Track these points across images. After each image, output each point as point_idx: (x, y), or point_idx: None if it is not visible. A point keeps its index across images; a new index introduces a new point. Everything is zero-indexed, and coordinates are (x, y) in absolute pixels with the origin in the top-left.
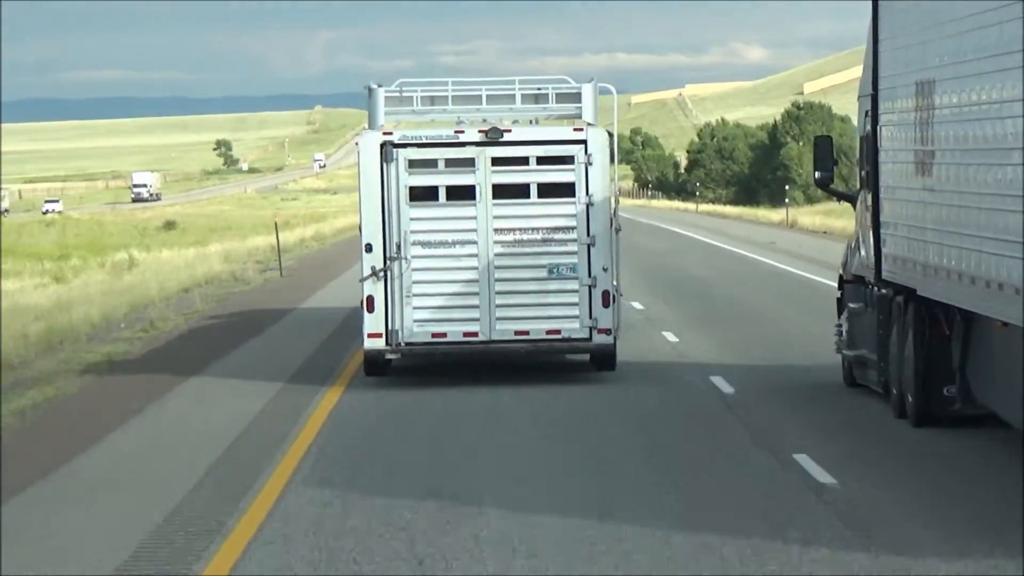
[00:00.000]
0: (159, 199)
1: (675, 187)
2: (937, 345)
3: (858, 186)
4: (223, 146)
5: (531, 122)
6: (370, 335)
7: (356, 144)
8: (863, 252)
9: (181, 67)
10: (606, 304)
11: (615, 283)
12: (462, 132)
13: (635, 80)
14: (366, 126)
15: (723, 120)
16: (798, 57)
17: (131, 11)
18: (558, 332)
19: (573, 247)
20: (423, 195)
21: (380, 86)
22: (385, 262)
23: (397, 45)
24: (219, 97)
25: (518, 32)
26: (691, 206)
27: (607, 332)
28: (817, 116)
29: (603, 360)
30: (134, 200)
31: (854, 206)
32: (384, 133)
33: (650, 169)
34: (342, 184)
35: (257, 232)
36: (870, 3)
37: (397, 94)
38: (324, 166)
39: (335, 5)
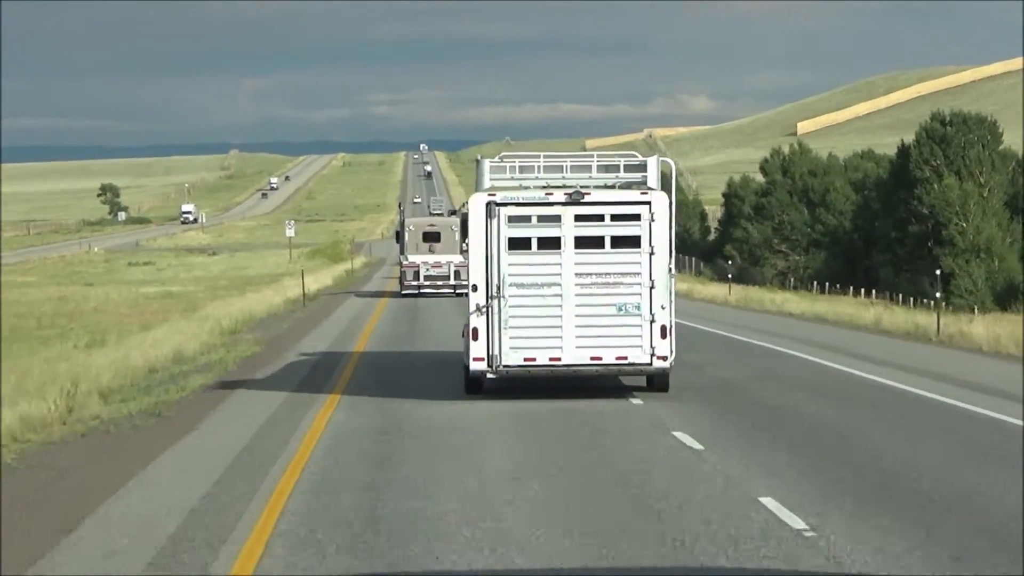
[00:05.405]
0: None
1: (702, 249)
2: None
3: None
4: (108, 191)
5: (607, 186)
6: (475, 359)
7: (465, 205)
8: None
9: (105, 116)
10: (663, 336)
11: (671, 319)
12: (551, 194)
13: (583, 128)
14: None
15: (799, 145)
16: (746, 108)
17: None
18: (625, 358)
19: (638, 289)
20: (519, 245)
21: (485, 158)
22: (487, 300)
23: (330, 94)
24: (140, 146)
25: (455, 80)
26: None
27: (664, 359)
28: (975, 132)
29: (659, 382)
30: None
31: None
32: (489, 195)
33: None
34: (232, 241)
35: None
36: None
37: (499, 163)
38: (195, 219)
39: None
